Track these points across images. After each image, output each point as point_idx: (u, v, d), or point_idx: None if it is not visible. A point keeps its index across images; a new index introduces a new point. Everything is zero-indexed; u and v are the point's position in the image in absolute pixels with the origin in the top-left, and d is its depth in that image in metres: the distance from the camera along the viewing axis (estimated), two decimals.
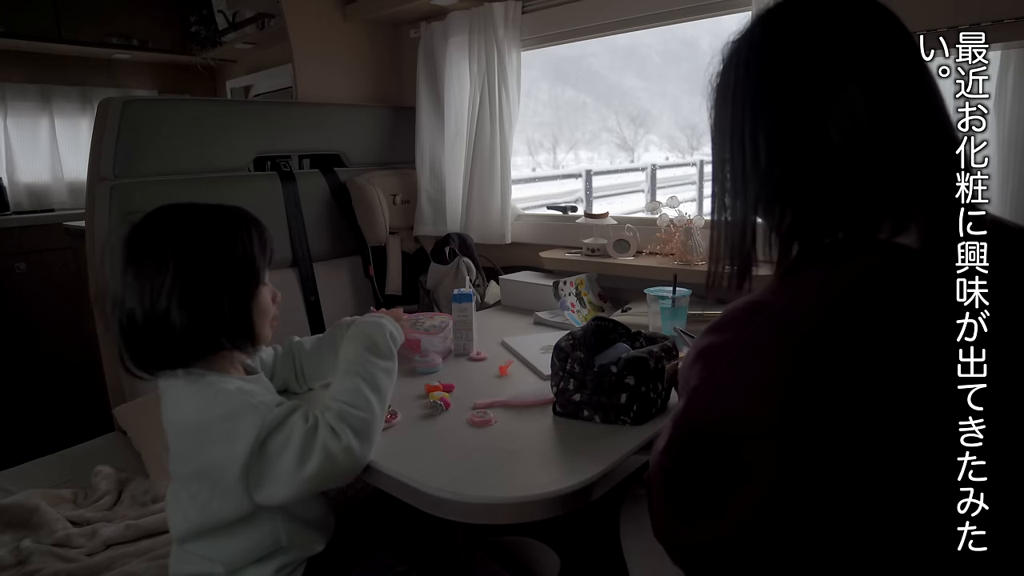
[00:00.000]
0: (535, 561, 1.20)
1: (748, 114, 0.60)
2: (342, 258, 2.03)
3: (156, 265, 0.80)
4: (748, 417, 0.54)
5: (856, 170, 0.56)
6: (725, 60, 0.64)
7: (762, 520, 0.54)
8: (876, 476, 0.51)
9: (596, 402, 0.95)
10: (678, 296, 1.28)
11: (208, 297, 0.81)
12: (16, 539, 1.15)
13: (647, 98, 7.41)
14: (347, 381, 0.89)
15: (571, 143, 6.13)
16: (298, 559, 0.90)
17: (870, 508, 0.52)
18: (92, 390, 2.40)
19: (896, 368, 0.50)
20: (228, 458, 0.79)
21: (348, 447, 0.82)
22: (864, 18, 0.58)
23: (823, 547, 0.54)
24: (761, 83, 0.60)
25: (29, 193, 3.00)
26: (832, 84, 0.56)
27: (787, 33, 0.59)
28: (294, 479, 0.80)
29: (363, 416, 0.85)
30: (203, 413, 0.81)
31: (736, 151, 0.61)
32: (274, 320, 0.92)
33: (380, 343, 0.94)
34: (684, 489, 0.60)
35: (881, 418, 0.50)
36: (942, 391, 0.51)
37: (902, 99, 0.57)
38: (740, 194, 0.62)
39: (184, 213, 0.86)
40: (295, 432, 0.81)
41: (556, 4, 1.80)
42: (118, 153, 1.53)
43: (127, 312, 0.81)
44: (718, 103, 0.64)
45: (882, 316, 0.51)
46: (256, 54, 2.83)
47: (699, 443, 0.58)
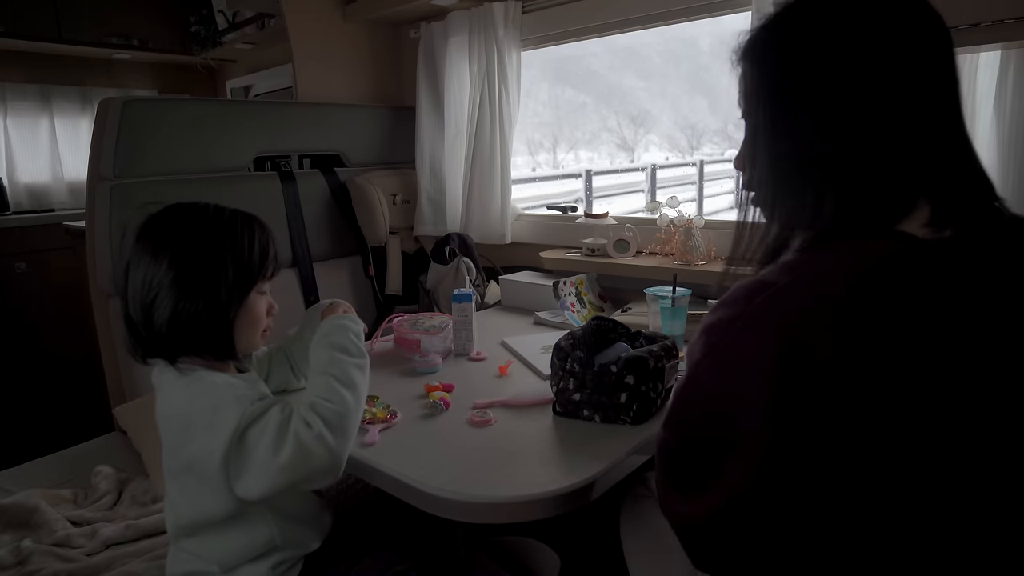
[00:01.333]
0: (535, 561, 1.20)
1: (794, 103, 0.60)
2: (342, 258, 2.03)
3: (152, 260, 0.83)
4: (744, 393, 0.54)
5: (884, 159, 0.57)
6: (763, 53, 0.63)
7: (754, 494, 0.55)
8: (866, 456, 0.51)
9: (596, 401, 0.95)
10: (678, 296, 1.28)
11: (191, 300, 0.82)
12: (16, 539, 1.15)
13: (647, 98, 7.42)
14: (319, 379, 0.89)
15: (571, 143, 6.14)
16: (294, 557, 0.90)
17: (862, 487, 0.52)
18: (92, 390, 2.40)
19: (897, 355, 0.51)
20: (209, 449, 0.80)
21: (320, 435, 0.81)
22: (904, 9, 0.58)
23: (815, 525, 0.54)
24: (807, 75, 0.59)
25: (29, 193, 3.00)
26: (873, 73, 0.56)
27: (826, 23, 0.59)
28: (268, 469, 0.80)
29: (335, 408, 0.85)
30: (189, 405, 0.82)
31: (780, 139, 0.61)
32: (266, 331, 0.93)
33: (348, 346, 0.93)
34: (681, 461, 0.61)
35: (878, 404, 0.50)
36: (940, 384, 0.51)
37: (932, 91, 0.57)
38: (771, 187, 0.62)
39: (189, 215, 0.87)
40: (271, 422, 0.81)
41: (556, 4, 1.80)
42: (118, 153, 1.53)
43: (123, 298, 0.85)
44: (766, 84, 0.63)
45: (888, 303, 0.52)
46: (256, 54, 2.83)
47: (697, 416, 0.59)
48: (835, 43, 0.58)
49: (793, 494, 0.54)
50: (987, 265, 0.55)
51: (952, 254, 0.55)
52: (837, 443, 0.51)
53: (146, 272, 0.83)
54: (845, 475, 0.52)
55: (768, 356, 0.52)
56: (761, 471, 0.54)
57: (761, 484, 0.54)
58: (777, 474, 0.53)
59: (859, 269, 0.54)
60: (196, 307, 0.82)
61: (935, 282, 0.53)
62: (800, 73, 0.59)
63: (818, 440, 0.52)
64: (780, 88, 0.61)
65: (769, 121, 0.62)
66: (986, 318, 0.53)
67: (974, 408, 0.51)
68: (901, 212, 0.57)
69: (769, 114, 0.62)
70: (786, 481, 0.53)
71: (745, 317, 0.55)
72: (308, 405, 0.85)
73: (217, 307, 0.84)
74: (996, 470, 0.51)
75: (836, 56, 0.57)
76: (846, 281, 0.53)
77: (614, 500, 0.96)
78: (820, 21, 0.59)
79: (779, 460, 0.53)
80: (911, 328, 0.51)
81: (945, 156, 0.58)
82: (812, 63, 0.58)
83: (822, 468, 0.52)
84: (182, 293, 0.82)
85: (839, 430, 0.51)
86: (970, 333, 0.52)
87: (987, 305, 0.53)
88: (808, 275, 0.55)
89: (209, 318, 0.83)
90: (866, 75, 0.56)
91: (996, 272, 0.55)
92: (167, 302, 0.81)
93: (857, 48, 0.57)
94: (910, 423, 0.50)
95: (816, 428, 0.51)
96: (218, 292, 0.84)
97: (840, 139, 0.57)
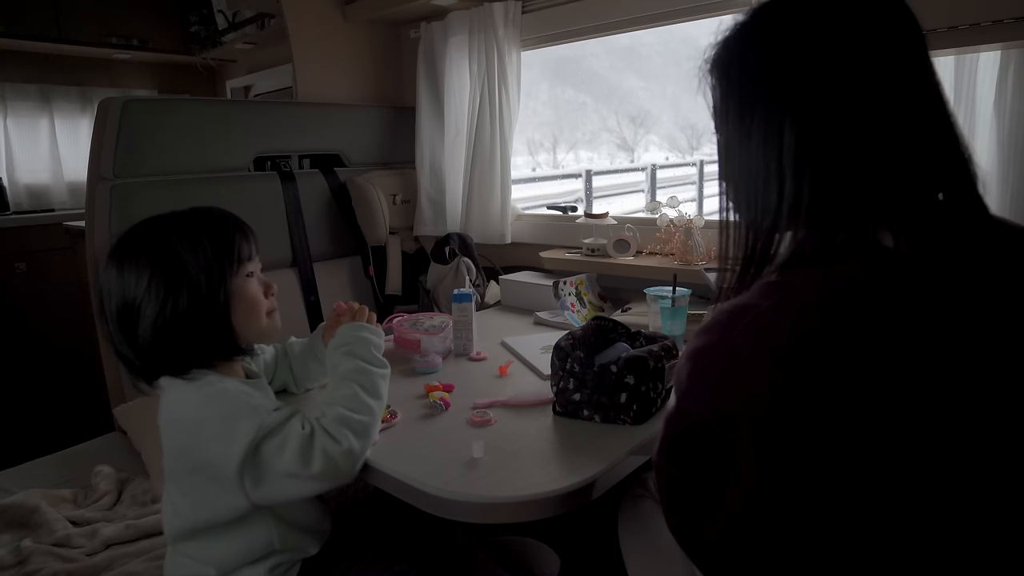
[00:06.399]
0: (535, 561, 1.20)
1: (769, 110, 0.59)
2: (342, 258, 2.03)
3: (119, 277, 0.82)
4: (735, 418, 0.54)
5: (865, 167, 0.56)
6: (728, 65, 0.63)
7: (755, 518, 0.54)
8: (861, 476, 0.51)
9: (596, 401, 0.95)
10: (678, 296, 1.28)
11: (171, 297, 0.81)
12: (16, 539, 1.15)
13: (647, 98, 7.42)
14: (344, 388, 0.89)
15: (571, 143, 6.14)
16: (292, 559, 0.90)
17: (859, 506, 0.52)
18: (92, 390, 2.40)
19: (883, 373, 0.50)
20: (224, 457, 0.79)
21: (349, 451, 0.82)
22: (879, 12, 0.57)
23: (819, 544, 0.54)
24: (777, 84, 0.59)
25: (29, 193, 3.00)
26: (849, 78, 0.56)
27: (794, 27, 0.59)
28: (292, 481, 0.80)
29: (362, 419, 0.86)
30: (201, 411, 0.82)
31: (756, 149, 0.60)
32: (271, 312, 0.92)
33: (370, 358, 0.94)
34: (678, 489, 0.61)
35: (865, 422, 0.50)
36: (929, 395, 0.51)
37: (910, 96, 0.57)
38: (756, 197, 0.62)
39: (142, 225, 0.86)
40: (291, 437, 0.81)
41: (556, 4, 1.80)
42: (118, 153, 1.53)
43: (109, 337, 0.85)
44: (733, 98, 0.63)
45: (871, 321, 0.51)
46: (256, 54, 2.83)
47: (689, 444, 0.58)
48: (800, 46, 0.58)
49: (793, 514, 0.54)
50: (963, 280, 0.54)
51: (933, 269, 0.54)
52: (831, 461, 0.51)
53: (121, 292, 0.82)
54: (842, 493, 0.52)
55: (757, 380, 0.52)
56: (758, 492, 0.53)
57: (760, 507, 0.54)
58: (775, 496, 0.53)
59: (845, 288, 0.53)
60: (180, 304, 0.81)
61: (913, 303, 0.52)
62: (765, 76, 0.59)
63: (813, 460, 0.51)
64: (742, 93, 0.61)
65: (735, 126, 0.62)
66: (963, 335, 0.52)
67: (968, 431, 0.50)
68: (873, 219, 0.56)
69: (736, 119, 0.62)
70: (785, 502, 0.53)
71: (729, 343, 0.55)
72: (336, 419, 0.84)
73: (200, 297, 0.82)
74: (995, 494, 0.51)
75: (802, 59, 0.57)
76: (832, 301, 0.53)
77: (614, 500, 0.96)
78: (786, 25, 0.59)
79: (775, 482, 0.53)
80: (892, 349, 0.51)
81: (921, 160, 0.57)
82: (776, 65, 0.58)
83: (819, 485, 0.52)
84: (160, 293, 0.80)
85: (831, 448, 0.51)
86: (956, 352, 0.51)
87: (963, 320, 0.52)
88: (791, 297, 0.55)
89: (198, 312, 0.82)
90: (831, 78, 0.56)
91: (972, 287, 0.54)
92: (150, 310, 0.80)
93: (822, 52, 0.57)
94: (898, 441, 0.50)
95: (809, 449, 0.51)
96: (196, 282, 0.82)
97: (808, 142, 0.57)
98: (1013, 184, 1.16)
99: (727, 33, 0.63)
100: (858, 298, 0.53)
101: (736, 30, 0.63)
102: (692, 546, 0.61)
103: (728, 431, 0.54)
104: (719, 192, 0.68)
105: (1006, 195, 1.16)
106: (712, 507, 0.56)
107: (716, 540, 0.57)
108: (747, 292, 0.58)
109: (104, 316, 0.85)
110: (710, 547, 0.58)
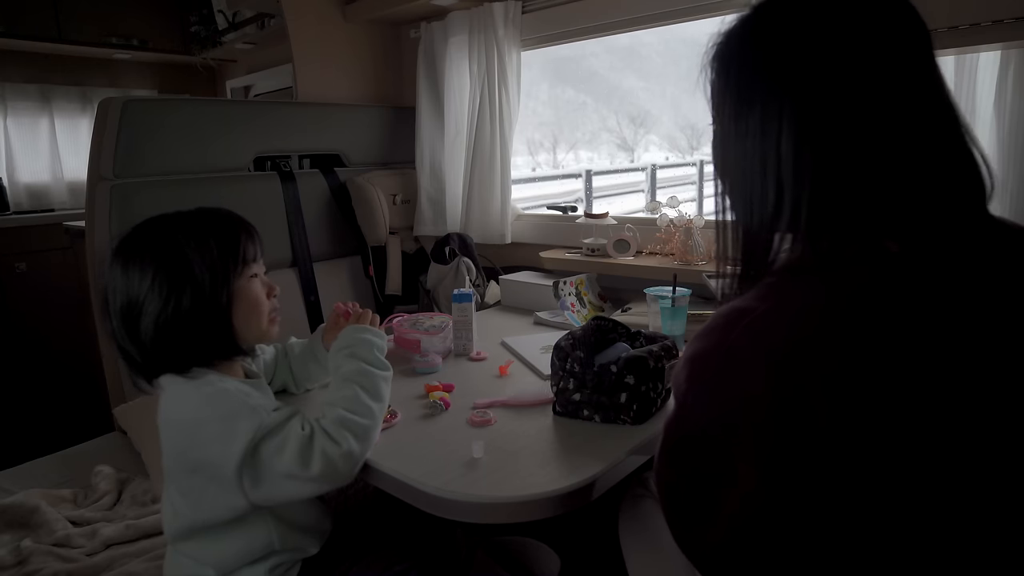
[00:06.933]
0: (535, 561, 1.20)
1: (767, 111, 0.59)
2: (342, 258, 2.03)
3: (124, 276, 0.83)
4: (733, 421, 0.54)
5: (867, 177, 0.56)
6: (729, 60, 0.63)
7: (754, 521, 0.54)
8: (862, 480, 0.51)
9: (596, 401, 0.95)
10: (678, 296, 1.28)
11: (175, 296, 0.81)
12: (16, 539, 1.15)
13: (647, 98, 7.42)
14: (346, 389, 0.88)
15: (571, 143, 6.14)
16: (292, 559, 0.90)
17: (858, 508, 0.52)
18: (92, 390, 2.40)
19: (881, 376, 0.50)
20: (223, 457, 0.79)
21: (348, 453, 0.82)
22: (885, 11, 0.57)
23: (819, 545, 0.54)
24: (777, 81, 0.58)
25: (29, 193, 3.00)
26: (851, 78, 0.55)
27: (796, 24, 0.58)
28: (290, 482, 0.80)
29: (363, 422, 0.85)
30: (200, 411, 0.82)
31: (753, 150, 0.60)
32: (273, 313, 0.92)
33: (372, 360, 0.94)
34: (678, 492, 0.60)
35: (862, 424, 0.50)
36: (927, 397, 0.50)
37: (914, 98, 0.56)
38: (753, 197, 0.61)
39: (149, 224, 0.87)
40: (291, 438, 0.81)
41: (556, 4, 1.80)
42: (118, 153, 1.53)
43: (112, 336, 0.85)
44: (730, 95, 0.62)
45: (869, 325, 0.51)
46: (256, 54, 2.83)
47: (688, 447, 0.58)
48: (802, 43, 0.57)
49: (792, 516, 0.54)
50: (961, 283, 0.54)
51: (930, 273, 0.54)
52: (829, 463, 0.51)
53: (126, 290, 0.82)
54: (841, 494, 0.52)
55: (754, 384, 0.52)
56: (757, 497, 0.53)
57: (759, 510, 0.54)
58: (774, 498, 0.53)
59: (844, 292, 0.53)
60: (183, 304, 0.81)
61: (911, 306, 0.52)
62: (764, 72, 0.59)
63: (811, 462, 0.51)
64: (740, 89, 0.61)
65: (732, 121, 0.62)
66: (960, 338, 0.52)
67: (966, 433, 0.50)
68: (874, 229, 0.56)
69: (733, 115, 0.62)
70: (784, 504, 0.53)
71: (726, 346, 0.54)
72: (336, 420, 0.84)
73: (204, 298, 0.83)
74: (993, 495, 0.51)
75: (801, 56, 0.57)
76: (830, 306, 0.53)
77: (614, 500, 0.96)
78: (788, 22, 0.58)
79: (774, 484, 0.53)
80: (890, 352, 0.50)
81: (926, 167, 0.56)
82: (776, 62, 0.58)
83: (817, 487, 0.52)
84: (163, 291, 0.81)
85: (829, 451, 0.51)
86: (954, 355, 0.51)
87: (961, 324, 0.52)
88: (789, 300, 0.55)
89: (200, 312, 0.83)
90: (832, 75, 0.56)
91: (970, 290, 0.54)
92: (152, 307, 0.81)
93: (823, 48, 0.56)
94: (896, 443, 0.50)
95: (807, 451, 0.51)
96: (200, 281, 0.83)
97: (807, 147, 0.57)
98: (1013, 184, 1.16)
99: (730, 26, 0.63)
100: (856, 302, 0.52)
101: (739, 24, 0.62)
102: (693, 549, 0.61)
103: (726, 434, 0.54)
104: (715, 192, 0.68)
105: (1006, 195, 1.16)
106: (712, 510, 0.56)
107: (717, 543, 0.57)
108: (745, 295, 0.58)
109: (107, 313, 0.85)
110: (711, 550, 0.58)
